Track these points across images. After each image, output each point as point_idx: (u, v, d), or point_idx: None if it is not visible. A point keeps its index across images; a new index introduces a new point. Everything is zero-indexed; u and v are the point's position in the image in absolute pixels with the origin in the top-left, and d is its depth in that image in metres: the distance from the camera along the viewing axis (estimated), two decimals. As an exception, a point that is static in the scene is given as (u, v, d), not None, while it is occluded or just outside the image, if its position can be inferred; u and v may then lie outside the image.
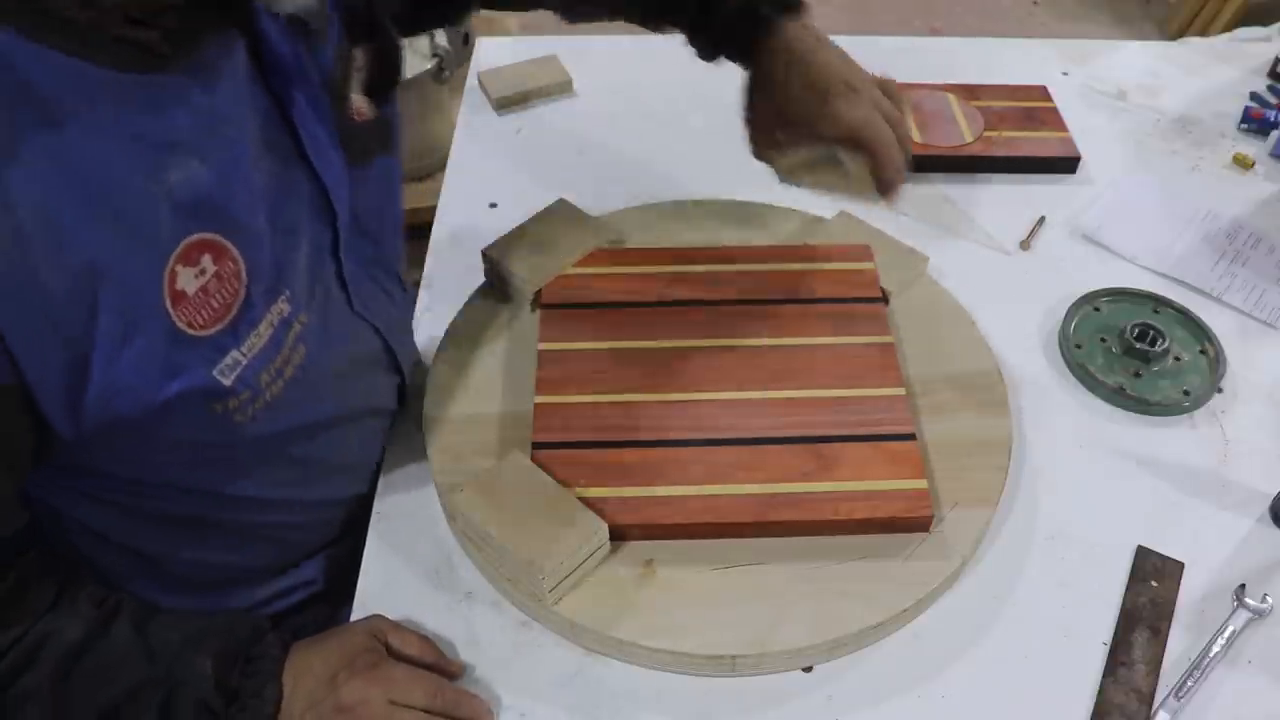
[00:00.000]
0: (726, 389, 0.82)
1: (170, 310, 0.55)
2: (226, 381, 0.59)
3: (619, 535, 0.73)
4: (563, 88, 1.22)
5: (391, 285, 0.79)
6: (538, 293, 0.90)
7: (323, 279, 0.69)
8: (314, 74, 0.63)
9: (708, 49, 0.82)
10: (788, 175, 0.84)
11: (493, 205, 1.06)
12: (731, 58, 0.82)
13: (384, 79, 0.71)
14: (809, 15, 0.80)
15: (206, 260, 0.57)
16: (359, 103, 0.68)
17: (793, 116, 0.79)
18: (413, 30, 0.85)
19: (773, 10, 0.79)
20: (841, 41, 0.77)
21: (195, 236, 0.56)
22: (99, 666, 0.60)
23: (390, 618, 0.72)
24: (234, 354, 0.60)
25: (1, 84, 0.48)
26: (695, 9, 0.81)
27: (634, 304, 0.89)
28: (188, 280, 0.56)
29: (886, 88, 0.80)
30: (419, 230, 1.00)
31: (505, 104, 1.20)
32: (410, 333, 0.89)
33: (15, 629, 0.59)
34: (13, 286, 0.49)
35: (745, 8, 0.78)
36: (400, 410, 0.86)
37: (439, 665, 0.69)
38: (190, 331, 0.57)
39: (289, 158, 0.63)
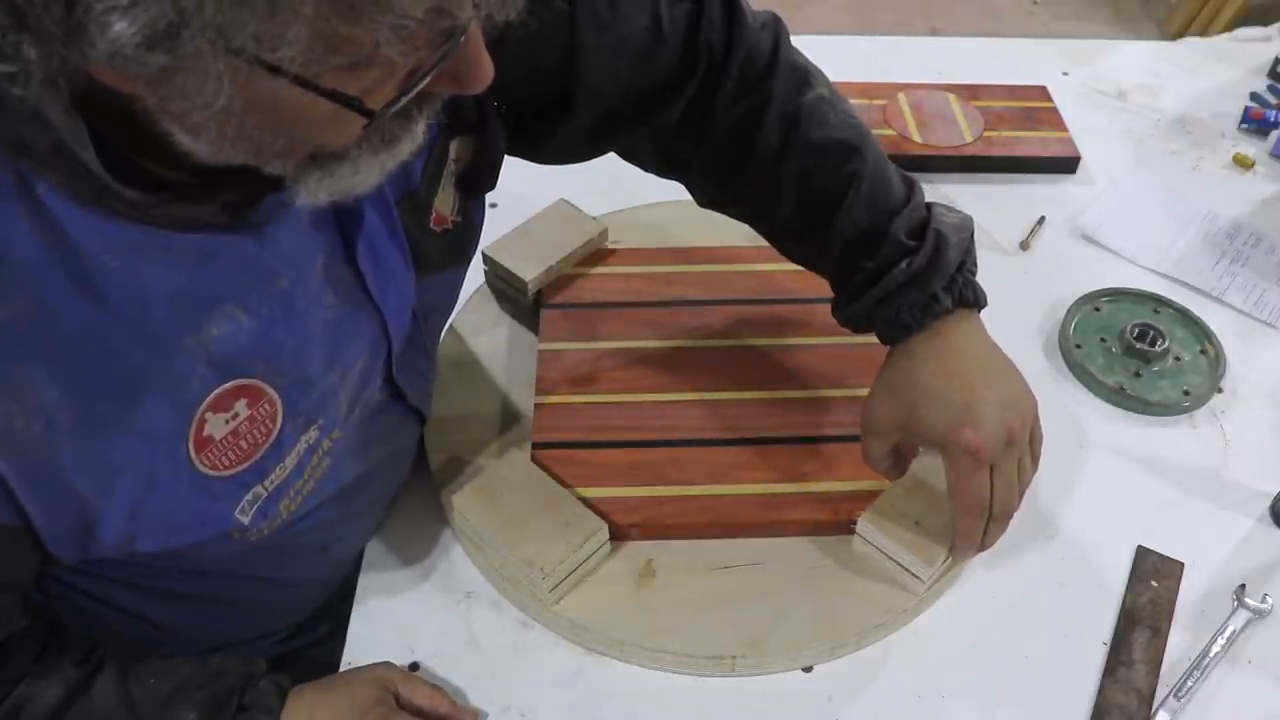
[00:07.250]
0: (726, 389, 0.82)
1: (193, 457, 0.53)
2: (246, 520, 0.57)
3: (619, 535, 0.73)
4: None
5: (423, 363, 0.73)
6: (538, 293, 0.90)
7: (370, 388, 0.65)
8: (389, 191, 0.59)
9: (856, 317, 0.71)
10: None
11: (493, 205, 1.06)
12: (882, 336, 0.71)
13: (486, 171, 0.67)
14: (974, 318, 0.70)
15: (241, 405, 0.54)
16: (443, 210, 0.64)
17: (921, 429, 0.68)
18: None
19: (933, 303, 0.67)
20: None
21: (231, 384, 0.53)
22: None
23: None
24: (256, 489, 0.57)
25: (43, 245, 0.44)
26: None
27: (634, 304, 0.89)
28: (217, 426, 0.53)
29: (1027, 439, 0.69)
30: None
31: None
32: (431, 397, 0.80)
33: None
34: (28, 465, 0.47)
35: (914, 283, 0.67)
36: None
37: (451, 716, 0.67)
38: (213, 473, 0.54)
39: (353, 290, 0.60)
